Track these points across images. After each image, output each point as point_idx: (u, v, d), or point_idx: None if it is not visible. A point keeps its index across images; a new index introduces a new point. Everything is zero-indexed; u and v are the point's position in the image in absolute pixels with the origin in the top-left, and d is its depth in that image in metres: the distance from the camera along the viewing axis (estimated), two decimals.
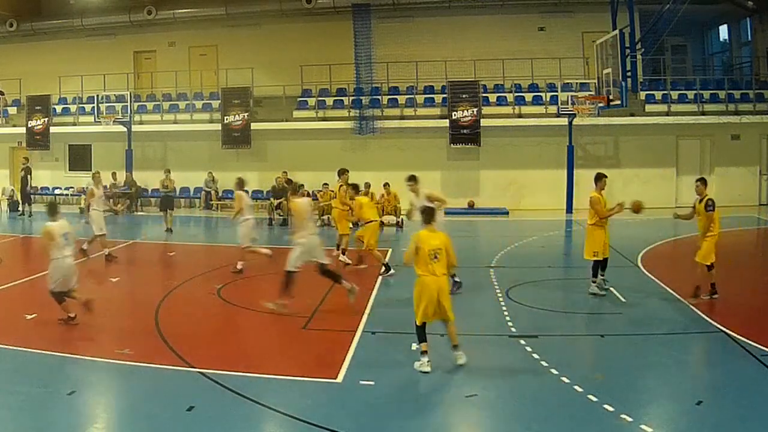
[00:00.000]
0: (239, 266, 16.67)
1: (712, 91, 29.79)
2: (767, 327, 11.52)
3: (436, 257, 9.66)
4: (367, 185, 24.37)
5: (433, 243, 9.73)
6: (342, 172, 18.46)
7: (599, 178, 14.19)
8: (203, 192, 31.64)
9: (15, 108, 35.25)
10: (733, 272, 17.07)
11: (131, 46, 35.67)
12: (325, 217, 25.56)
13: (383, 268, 16.26)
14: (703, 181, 13.59)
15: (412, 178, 14.70)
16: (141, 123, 32.73)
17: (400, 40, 31.92)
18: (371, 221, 16.72)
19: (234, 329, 11.99)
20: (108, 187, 31.94)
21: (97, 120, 32.06)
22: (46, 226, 11.90)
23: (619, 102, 22.41)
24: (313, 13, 32.37)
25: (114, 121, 31.59)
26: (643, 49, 23.24)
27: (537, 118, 29.67)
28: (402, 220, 25.19)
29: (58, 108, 34.48)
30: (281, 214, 26.53)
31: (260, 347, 11.01)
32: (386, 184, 26.51)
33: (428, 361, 9.57)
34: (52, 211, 12.18)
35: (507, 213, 28.41)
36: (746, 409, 8.21)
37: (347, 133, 30.70)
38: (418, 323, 9.75)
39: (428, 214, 10.09)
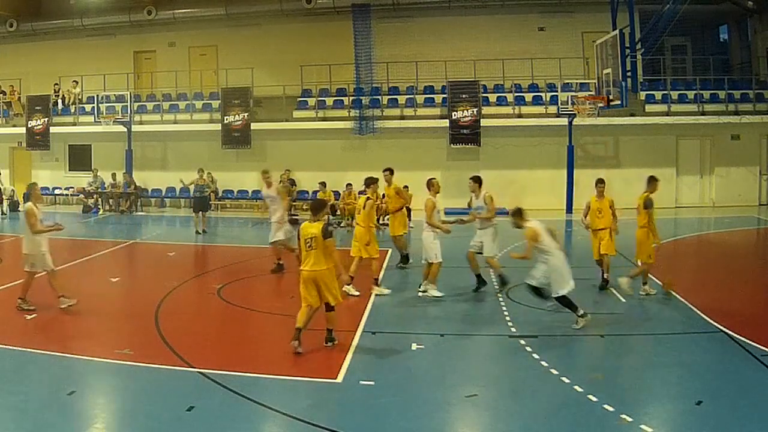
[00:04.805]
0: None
1: (711, 91, 29.78)
2: (767, 327, 11.52)
3: None
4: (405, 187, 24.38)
5: None
6: (390, 172, 18.05)
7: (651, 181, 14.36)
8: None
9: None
10: (733, 272, 17.13)
11: (131, 46, 35.67)
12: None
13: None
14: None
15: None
16: (141, 123, 32.73)
17: (400, 40, 31.91)
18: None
19: (234, 329, 11.99)
20: (106, 186, 32.14)
21: (97, 120, 32.03)
22: None
23: (619, 102, 22.42)
24: (313, 13, 32.35)
25: (114, 121, 31.57)
26: (643, 49, 23.24)
27: (537, 118, 29.67)
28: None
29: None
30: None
31: (260, 347, 11.02)
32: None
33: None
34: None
35: (507, 213, 28.24)
36: (746, 409, 8.22)
37: (347, 134, 30.71)
38: None
39: None
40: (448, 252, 14.54)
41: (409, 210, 25.72)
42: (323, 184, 27.38)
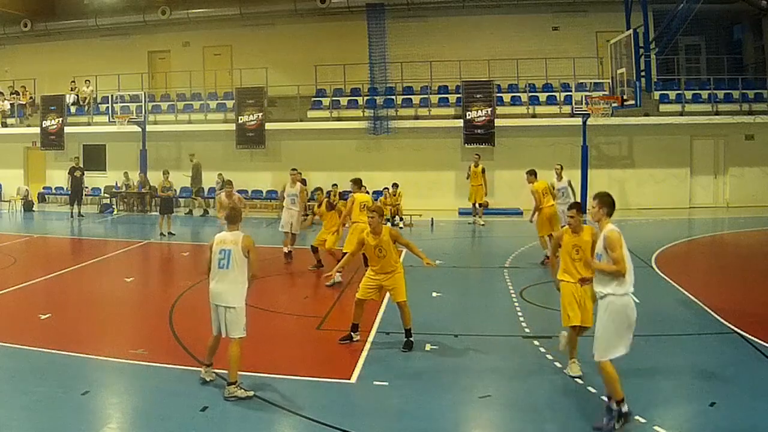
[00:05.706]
0: None
1: (725, 91, 29.69)
2: None
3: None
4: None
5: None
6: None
7: None
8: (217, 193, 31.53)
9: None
10: (747, 273, 17.05)
11: (145, 46, 35.80)
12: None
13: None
14: None
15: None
16: (155, 123, 32.80)
17: (415, 40, 31.89)
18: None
19: (248, 329, 12.02)
20: (119, 185, 32.32)
21: (111, 120, 32.13)
22: None
23: (633, 102, 22.30)
24: (327, 12, 32.39)
25: (128, 122, 31.65)
26: (657, 49, 23.09)
27: (551, 118, 29.65)
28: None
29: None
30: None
31: (274, 348, 11.04)
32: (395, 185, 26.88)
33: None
34: None
35: (521, 213, 28.11)
36: (760, 411, 8.20)
37: (362, 133, 30.76)
38: None
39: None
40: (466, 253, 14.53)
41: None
42: (335, 185, 27.61)
